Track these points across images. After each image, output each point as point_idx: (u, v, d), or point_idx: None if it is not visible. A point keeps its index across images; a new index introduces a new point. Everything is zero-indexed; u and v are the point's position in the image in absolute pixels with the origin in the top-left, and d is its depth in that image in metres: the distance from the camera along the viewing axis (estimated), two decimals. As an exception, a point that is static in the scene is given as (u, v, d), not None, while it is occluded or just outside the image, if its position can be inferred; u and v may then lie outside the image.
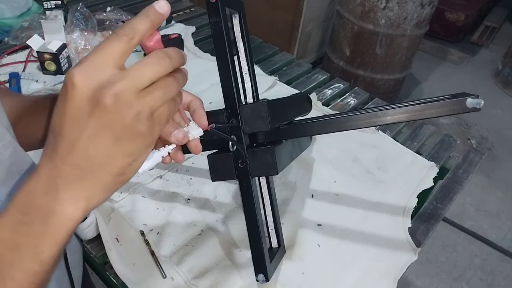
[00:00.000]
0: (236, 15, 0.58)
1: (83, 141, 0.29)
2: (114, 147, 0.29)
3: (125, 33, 0.29)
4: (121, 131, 0.29)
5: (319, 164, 0.89)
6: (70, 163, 0.30)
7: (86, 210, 0.31)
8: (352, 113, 0.54)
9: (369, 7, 2.15)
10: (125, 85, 0.28)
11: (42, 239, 0.30)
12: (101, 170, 0.30)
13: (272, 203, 0.66)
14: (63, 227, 0.31)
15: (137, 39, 0.30)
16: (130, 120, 0.29)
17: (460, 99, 0.47)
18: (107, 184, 0.31)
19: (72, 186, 0.30)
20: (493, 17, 3.72)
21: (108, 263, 0.67)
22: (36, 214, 0.30)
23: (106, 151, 0.29)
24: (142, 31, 0.30)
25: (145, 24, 0.30)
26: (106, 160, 0.30)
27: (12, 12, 1.22)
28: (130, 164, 0.31)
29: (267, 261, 0.59)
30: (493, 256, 1.87)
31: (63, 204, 0.30)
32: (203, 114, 0.43)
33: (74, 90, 0.28)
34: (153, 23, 0.30)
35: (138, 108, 0.29)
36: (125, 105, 0.28)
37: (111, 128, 0.29)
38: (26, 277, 0.31)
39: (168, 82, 0.31)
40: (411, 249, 0.74)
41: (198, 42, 1.29)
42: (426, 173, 0.91)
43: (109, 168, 0.30)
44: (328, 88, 1.18)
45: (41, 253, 0.31)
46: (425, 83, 2.97)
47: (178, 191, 0.80)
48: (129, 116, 0.28)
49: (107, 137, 0.29)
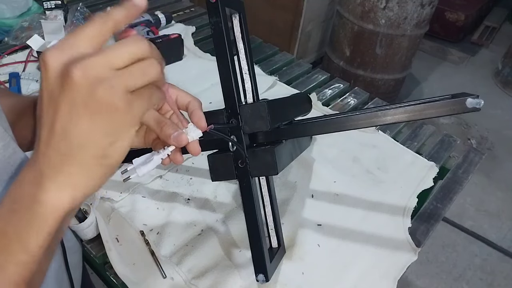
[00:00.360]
0: (236, 15, 0.58)
1: (60, 120, 0.29)
2: (91, 124, 0.29)
3: (100, 16, 0.30)
4: (94, 105, 0.28)
5: (319, 164, 0.89)
6: (52, 148, 0.29)
7: (74, 199, 0.31)
8: (352, 113, 0.54)
9: (369, 7, 2.15)
10: (97, 59, 0.28)
11: (28, 228, 0.30)
12: (82, 152, 0.29)
13: (272, 203, 0.66)
14: (49, 216, 0.30)
15: (110, 24, 0.30)
16: (102, 93, 0.28)
17: (460, 99, 0.47)
18: (92, 168, 0.30)
19: (56, 173, 0.30)
20: (493, 17, 3.72)
21: (108, 263, 0.67)
22: (23, 203, 0.30)
23: (83, 129, 0.29)
24: (116, 17, 0.30)
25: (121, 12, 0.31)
26: (85, 140, 0.29)
27: (12, 12, 1.22)
28: (111, 144, 0.30)
29: (267, 261, 0.59)
30: (493, 256, 1.87)
31: (48, 193, 0.30)
32: (201, 115, 0.43)
33: (46, 70, 0.28)
34: (128, 12, 0.31)
35: (111, 82, 0.28)
36: (96, 78, 0.27)
37: (84, 103, 0.28)
38: (15, 267, 0.31)
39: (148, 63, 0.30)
40: (411, 249, 0.74)
41: (198, 42, 1.29)
42: (426, 173, 0.91)
43: (89, 149, 0.29)
44: (328, 88, 1.18)
45: (28, 243, 0.30)
46: (425, 83, 2.97)
47: (178, 191, 0.80)
48: (101, 89, 0.28)
49: (81, 113, 0.28)
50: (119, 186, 0.78)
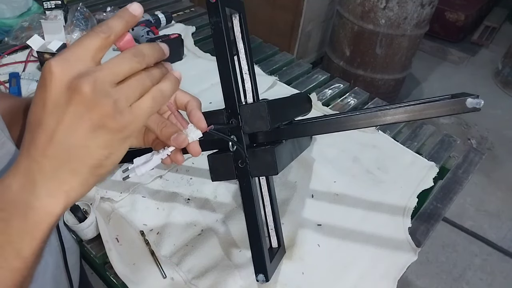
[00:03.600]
0: (236, 15, 0.58)
1: (62, 129, 0.29)
2: (92, 137, 0.30)
3: (103, 31, 0.31)
4: (99, 120, 0.29)
5: (319, 164, 0.89)
6: (49, 155, 0.30)
7: (66, 204, 0.31)
8: (352, 113, 0.54)
9: (369, 7, 2.15)
10: (103, 75, 0.29)
11: (22, 235, 0.30)
12: (79, 162, 0.30)
13: (272, 203, 0.66)
14: (43, 223, 0.31)
15: (113, 37, 0.31)
16: (108, 109, 0.29)
17: (460, 99, 0.47)
18: (86, 177, 0.31)
19: (50, 179, 0.30)
20: (493, 17, 3.72)
21: (108, 263, 0.67)
22: (14, 210, 0.30)
23: (84, 140, 0.30)
24: (117, 30, 0.32)
25: (120, 24, 0.32)
26: (83, 152, 0.30)
27: (12, 12, 1.22)
28: (107, 157, 0.31)
29: (267, 261, 0.59)
30: (493, 256, 1.87)
31: (42, 199, 0.30)
32: (201, 116, 0.43)
33: (52, 79, 0.29)
34: (127, 24, 0.32)
35: (114, 96, 0.29)
36: (103, 94, 0.29)
37: (89, 116, 0.29)
38: (8, 274, 0.31)
39: (143, 76, 0.32)
40: (411, 249, 0.74)
41: (198, 42, 1.29)
42: (426, 173, 0.91)
43: (86, 160, 0.30)
44: (328, 88, 1.18)
45: (22, 250, 0.31)
46: (425, 83, 2.97)
47: (178, 191, 0.80)
48: (107, 105, 0.29)
49: (85, 126, 0.29)
50: (119, 186, 0.78)
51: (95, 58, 0.30)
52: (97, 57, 0.31)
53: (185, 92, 0.44)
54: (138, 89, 0.31)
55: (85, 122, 0.29)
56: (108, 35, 0.31)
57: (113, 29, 0.31)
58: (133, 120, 0.31)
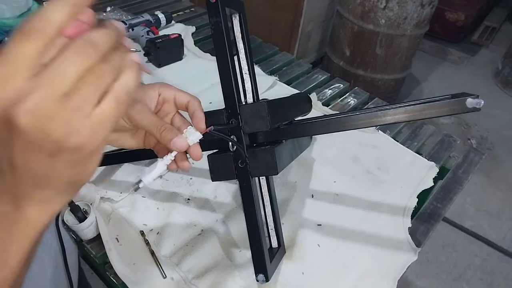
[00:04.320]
0: (236, 15, 0.58)
1: (18, 159, 0.25)
2: (53, 163, 0.26)
3: (35, 29, 0.23)
4: (52, 148, 0.24)
5: (319, 164, 0.89)
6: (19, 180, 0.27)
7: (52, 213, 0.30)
8: (352, 113, 0.54)
9: (369, 7, 2.15)
10: (41, 96, 0.23)
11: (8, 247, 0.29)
12: (50, 181, 0.27)
13: (272, 203, 0.66)
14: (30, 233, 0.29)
15: (53, 32, 0.23)
16: (59, 134, 0.24)
17: (460, 99, 0.47)
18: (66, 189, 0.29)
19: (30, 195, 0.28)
20: (493, 17, 3.72)
21: (108, 263, 0.67)
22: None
23: (45, 168, 0.26)
24: (57, 22, 0.23)
25: (61, 12, 0.24)
26: (50, 173, 0.26)
27: (12, 12, 1.22)
28: (79, 174, 0.28)
29: (267, 261, 0.59)
30: (493, 256, 1.87)
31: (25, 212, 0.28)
32: (201, 117, 0.43)
33: None
34: (73, 8, 0.24)
35: (64, 116, 0.23)
36: (46, 119, 0.23)
37: (39, 148, 0.24)
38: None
39: (99, 73, 0.24)
40: (411, 249, 0.74)
41: (198, 42, 1.29)
42: (426, 173, 0.91)
43: (57, 179, 0.27)
44: (328, 88, 1.18)
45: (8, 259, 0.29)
46: (425, 83, 2.97)
47: (178, 191, 0.80)
48: (56, 130, 0.24)
49: (40, 158, 0.25)
50: (119, 186, 0.78)
51: (31, 67, 0.23)
52: (33, 65, 0.23)
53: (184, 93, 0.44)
54: (95, 94, 0.25)
55: (38, 155, 0.25)
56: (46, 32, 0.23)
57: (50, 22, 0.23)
58: (94, 132, 0.25)
